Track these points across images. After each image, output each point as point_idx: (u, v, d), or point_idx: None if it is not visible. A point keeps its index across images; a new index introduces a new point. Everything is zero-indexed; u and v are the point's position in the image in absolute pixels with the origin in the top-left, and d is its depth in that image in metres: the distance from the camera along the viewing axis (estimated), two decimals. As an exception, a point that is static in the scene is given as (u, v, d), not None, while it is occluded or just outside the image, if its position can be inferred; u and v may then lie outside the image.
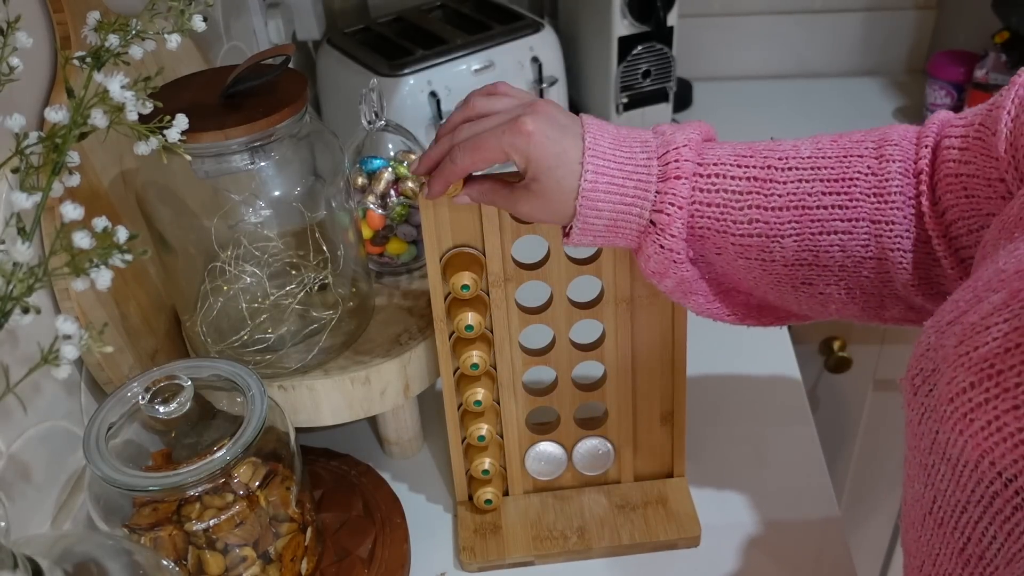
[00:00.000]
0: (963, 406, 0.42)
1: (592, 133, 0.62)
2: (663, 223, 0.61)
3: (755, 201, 0.61)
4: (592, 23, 1.24)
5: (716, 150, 0.63)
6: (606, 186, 0.61)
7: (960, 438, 0.42)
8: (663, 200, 0.61)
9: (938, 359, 0.45)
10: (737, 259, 0.63)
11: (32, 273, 0.47)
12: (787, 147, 0.62)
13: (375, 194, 0.80)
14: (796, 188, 0.60)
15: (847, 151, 0.61)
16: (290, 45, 0.70)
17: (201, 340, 0.74)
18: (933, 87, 1.28)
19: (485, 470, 0.77)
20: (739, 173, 0.61)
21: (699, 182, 0.62)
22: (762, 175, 0.61)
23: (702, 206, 0.61)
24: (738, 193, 0.61)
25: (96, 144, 0.71)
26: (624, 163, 0.61)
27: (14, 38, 0.50)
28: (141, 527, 0.63)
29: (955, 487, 0.44)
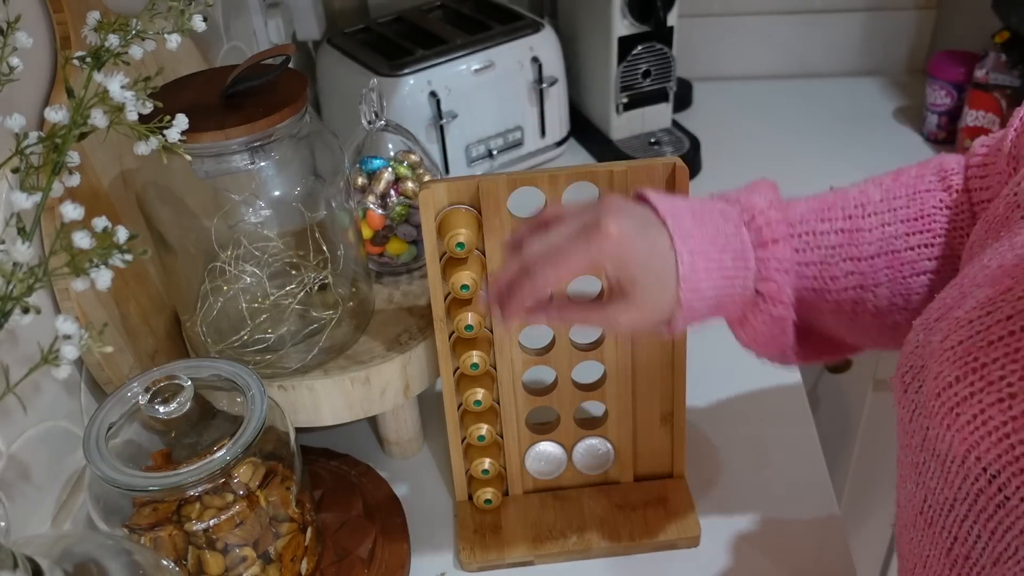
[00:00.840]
0: (949, 400, 0.42)
1: (670, 214, 0.55)
2: (772, 292, 0.58)
3: (848, 253, 0.59)
4: (592, 23, 1.24)
5: (797, 208, 0.61)
6: (704, 265, 0.55)
7: (947, 433, 0.42)
8: (768, 267, 0.58)
9: (926, 355, 0.45)
10: (827, 314, 0.61)
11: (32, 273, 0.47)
12: (856, 194, 0.61)
13: (375, 194, 0.80)
14: (882, 233, 0.59)
15: (914, 188, 0.60)
16: (290, 45, 0.70)
17: (201, 340, 0.74)
18: (933, 87, 1.28)
19: (485, 470, 0.77)
20: (827, 228, 0.60)
21: (794, 242, 0.60)
22: (848, 226, 0.60)
23: (801, 266, 0.60)
24: (831, 248, 0.60)
25: (96, 144, 0.71)
26: (715, 237, 0.56)
27: (14, 38, 0.50)
28: (141, 527, 0.63)
29: (944, 484, 0.43)
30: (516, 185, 0.69)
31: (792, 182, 1.31)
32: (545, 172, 0.68)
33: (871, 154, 1.31)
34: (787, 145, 1.34)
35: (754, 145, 1.35)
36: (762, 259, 0.58)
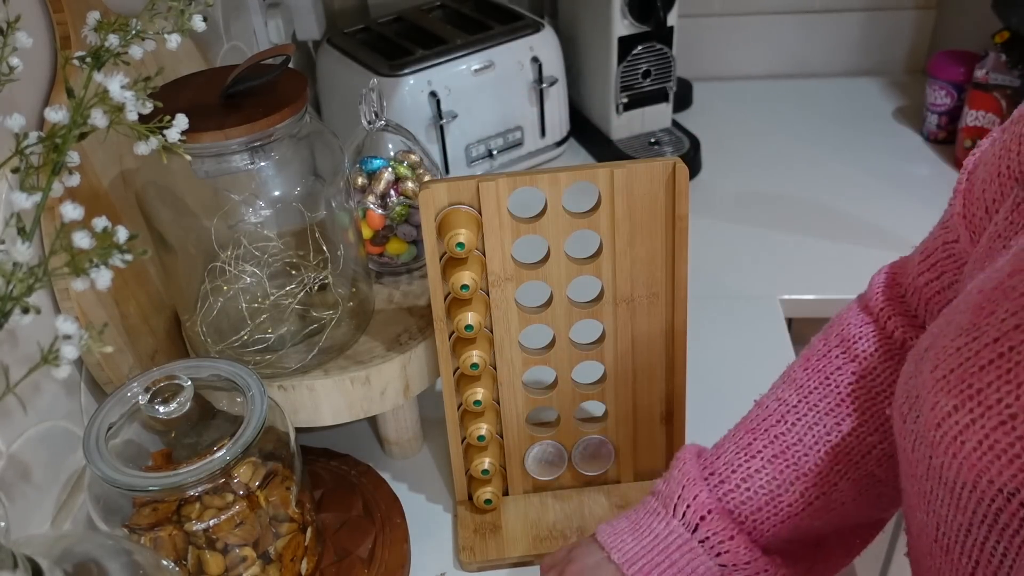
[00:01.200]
0: (951, 430, 0.42)
1: (614, 547, 0.63)
2: (731, 560, 0.61)
3: (792, 475, 0.61)
4: (592, 23, 1.24)
5: (719, 456, 0.63)
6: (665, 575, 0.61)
7: (954, 461, 0.42)
8: (711, 545, 0.61)
9: (918, 385, 0.46)
10: (813, 522, 0.62)
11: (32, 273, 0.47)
12: (772, 405, 0.63)
13: (375, 194, 0.80)
14: (814, 438, 0.61)
15: (823, 372, 0.62)
16: (290, 45, 0.70)
17: (201, 340, 0.74)
18: (933, 87, 1.28)
19: (485, 470, 0.77)
20: (758, 464, 0.62)
21: (732, 499, 0.61)
22: (778, 450, 0.61)
23: (754, 513, 0.61)
24: (773, 480, 0.61)
25: (96, 144, 0.71)
26: (654, 543, 0.62)
27: (14, 38, 0.50)
28: (141, 527, 0.63)
29: (956, 511, 0.43)
30: (516, 185, 0.69)
31: (792, 182, 1.32)
32: (545, 172, 0.68)
33: (871, 154, 1.31)
34: (787, 145, 1.34)
35: (754, 145, 1.35)
36: (702, 540, 0.61)
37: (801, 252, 1.12)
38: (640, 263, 0.72)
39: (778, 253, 1.12)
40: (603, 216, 0.70)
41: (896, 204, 1.19)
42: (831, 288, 1.06)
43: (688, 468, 0.63)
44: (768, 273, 1.09)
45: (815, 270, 1.08)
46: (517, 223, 0.70)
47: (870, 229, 1.15)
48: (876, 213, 1.17)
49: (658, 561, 0.62)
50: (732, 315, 1.02)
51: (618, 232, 0.70)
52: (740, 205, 1.21)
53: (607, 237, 0.71)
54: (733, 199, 1.23)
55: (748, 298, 1.05)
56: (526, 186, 0.69)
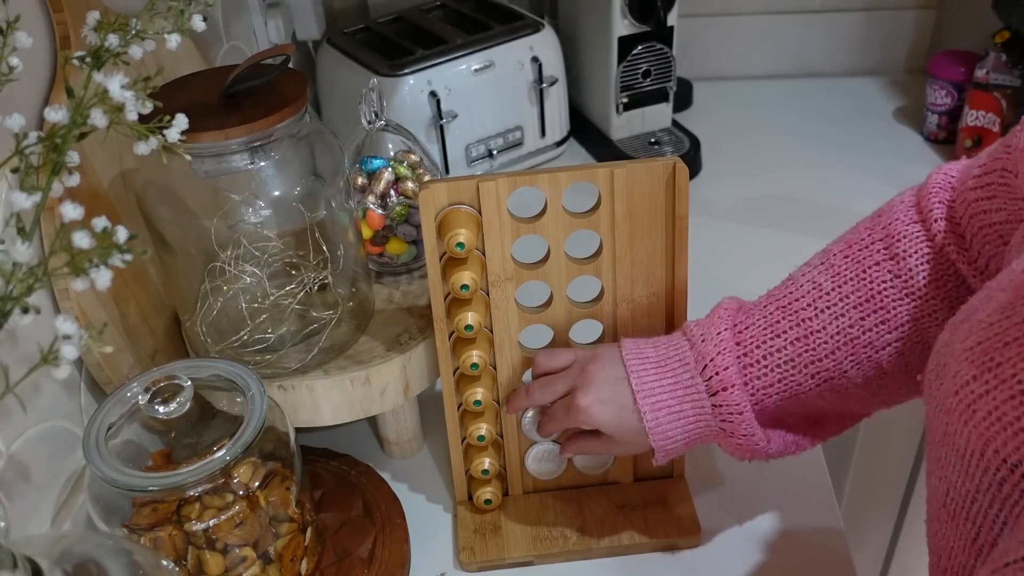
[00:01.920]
0: (966, 398, 0.44)
1: (636, 372, 0.66)
2: (731, 429, 0.65)
3: (808, 358, 0.64)
4: (592, 23, 1.24)
5: (750, 328, 0.66)
6: (668, 418, 0.65)
7: (965, 428, 0.44)
8: (721, 412, 0.65)
9: (948, 354, 0.47)
10: (817, 401, 0.66)
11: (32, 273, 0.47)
12: (806, 287, 0.65)
13: (375, 194, 0.80)
14: (837, 328, 0.63)
15: (862, 264, 0.63)
16: (290, 45, 0.70)
17: (201, 340, 0.74)
18: (933, 87, 1.28)
19: (485, 470, 0.77)
20: (780, 343, 0.64)
21: (750, 372, 0.65)
22: (801, 333, 0.64)
23: (765, 388, 0.65)
24: (790, 361, 0.64)
25: (96, 144, 0.71)
26: (673, 388, 0.65)
27: (14, 38, 0.50)
28: (141, 527, 0.63)
29: (964, 477, 0.45)
30: (516, 185, 0.69)
31: (792, 182, 1.31)
32: (545, 172, 0.68)
33: (871, 154, 1.31)
34: (787, 145, 1.34)
35: (754, 145, 1.35)
36: (716, 405, 0.65)
37: (801, 252, 1.12)
38: (640, 263, 0.72)
39: (778, 253, 1.12)
40: (603, 216, 0.70)
41: (896, 204, 1.19)
42: (831, 288, 1.06)
43: (725, 336, 0.66)
44: (768, 273, 1.08)
45: (815, 270, 1.08)
46: (517, 223, 0.70)
47: (870, 229, 1.14)
48: (876, 213, 1.17)
49: (670, 405, 0.65)
50: (732, 315, 1.02)
51: (618, 232, 0.70)
52: (740, 205, 1.21)
53: (607, 237, 0.71)
54: (733, 199, 1.23)
55: (748, 298, 1.04)
56: (526, 186, 0.69)
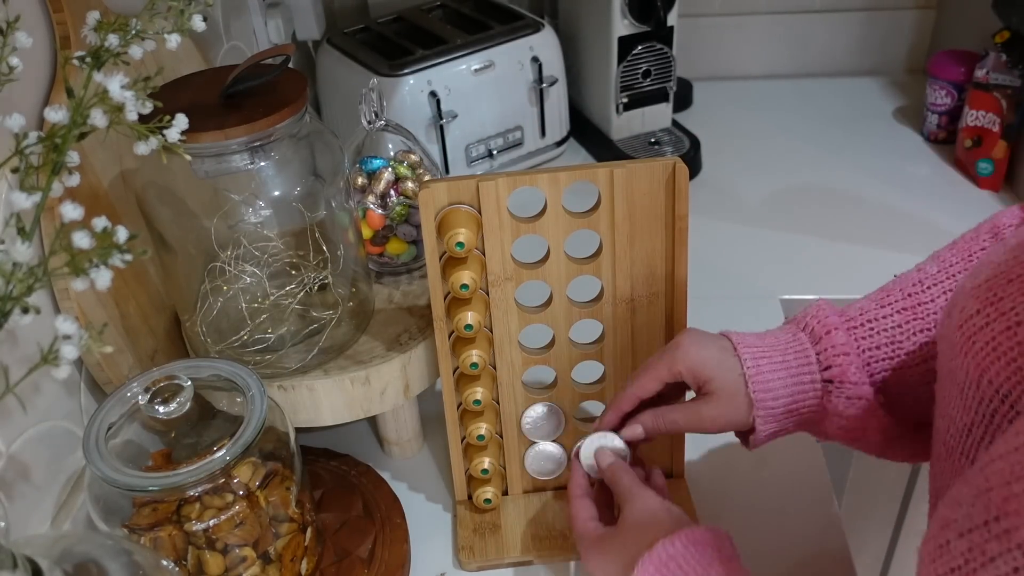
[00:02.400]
0: (968, 330, 0.46)
1: (734, 334, 0.65)
2: (838, 375, 0.62)
3: (915, 327, 0.63)
4: (592, 23, 1.24)
5: (856, 304, 0.66)
6: (768, 366, 0.63)
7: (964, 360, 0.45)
8: (827, 355, 0.62)
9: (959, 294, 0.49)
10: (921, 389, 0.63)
11: (32, 273, 0.47)
12: (915, 274, 0.65)
13: (375, 194, 0.80)
14: (946, 300, 0.62)
15: (969, 251, 0.64)
16: (290, 45, 0.70)
17: (201, 340, 0.74)
18: (933, 87, 1.28)
19: (484, 469, 0.77)
20: (887, 311, 0.64)
21: (856, 332, 0.64)
22: (909, 303, 0.64)
23: (872, 350, 0.63)
24: (897, 327, 0.63)
25: (96, 144, 0.71)
26: (774, 344, 0.64)
27: (14, 38, 0.50)
28: (141, 527, 0.63)
29: (961, 411, 0.46)
30: (516, 185, 0.69)
31: (792, 182, 1.31)
32: (545, 172, 0.69)
33: (871, 154, 1.31)
34: (787, 145, 1.34)
35: (754, 145, 1.35)
36: (820, 351, 0.63)
37: (801, 252, 1.12)
38: (640, 263, 0.72)
39: (778, 253, 1.12)
40: (603, 216, 0.70)
41: (896, 204, 1.19)
42: (831, 288, 1.06)
43: (822, 303, 0.65)
44: (768, 273, 1.09)
45: (815, 270, 1.08)
46: (517, 223, 0.70)
47: (870, 229, 1.15)
48: (876, 213, 1.17)
49: (770, 355, 0.63)
50: (732, 315, 1.02)
51: (618, 232, 0.70)
52: (740, 205, 1.21)
53: (607, 237, 0.71)
54: (733, 199, 1.23)
55: (748, 298, 1.05)
56: (526, 186, 0.69)
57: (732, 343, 0.64)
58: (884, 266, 1.13)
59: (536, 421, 0.78)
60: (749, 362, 0.63)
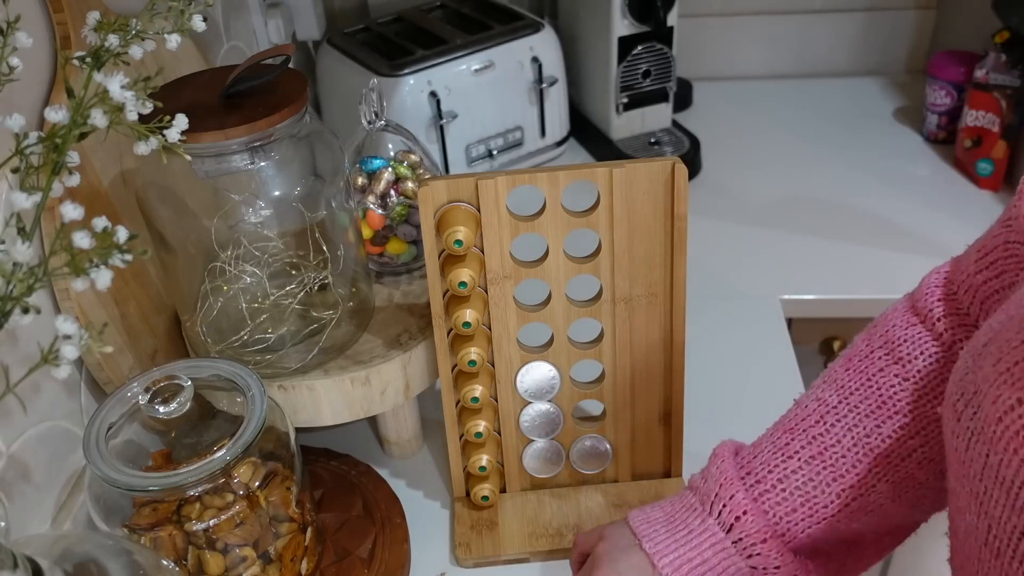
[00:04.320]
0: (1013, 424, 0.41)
1: (646, 535, 0.63)
2: (762, 562, 0.61)
3: (829, 476, 0.60)
4: (592, 23, 1.24)
5: (756, 455, 0.63)
6: (688, 571, 0.61)
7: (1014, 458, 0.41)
8: (744, 546, 0.61)
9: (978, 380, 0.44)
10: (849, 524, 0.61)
11: (32, 273, 0.47)
12: (811, 405, 0.62)
13: (375, 194, 0.80)
14: (853, 439, 0.60)
15: (865, 373, 0.60)
16: (290, 45, 0.70)
17: (201, 340, 0.74)
18: (933, 87, 1.28)
19: (482, 466, 0.77)
20: (794, 465, 0.61)
21: (767, 497, 0.61)
22: (815, 451, 0.60)
23: (788, 514, 0.61)
24: (809, 481, 0.60)
25: (96, 144, 0.71)
26: (688, 538, 0.62)
27: (14, 38, 0.50)
28: (141, 527, 0.63)
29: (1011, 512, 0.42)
30: (515, 183, 0.69)
31: (792, 182, 1.31)
32: (544, 171, 0.69)
33: (871, 154, 1.31)
34: (787, 145, 1.34)
35: (754, 145, 1.35)
36: (736, 540, 0.61)
37: (801, 252, 1.12)
38: (639, 263, 0.72)
39: (778, 253, 1.12)
40: (602, 215, 0.70)
41: (896, 204, 1.19)
42: (831, 288, 1.06)
43: (725, 467, 0.63)
44: (768, 273, 1.09)
45: (815, 270, 1.09)
46: (516, 221, 0.70)
47: (870, 229, 1.15)
48: (876, 213, 1.17)
49: (690, 557, 0.62)
50: (732, 315, 1.02)
51: (617, 232, 0.70)
52: (740, 205, 1.22)
53: (606, 236, 0.71)
54: (733, 199, 1.23)
55: (748, 298, 1.05)
56: (525, 184, 0.69)
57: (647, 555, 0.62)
58: (884, 266, 1.13)
59: (534, 419, 0.78)
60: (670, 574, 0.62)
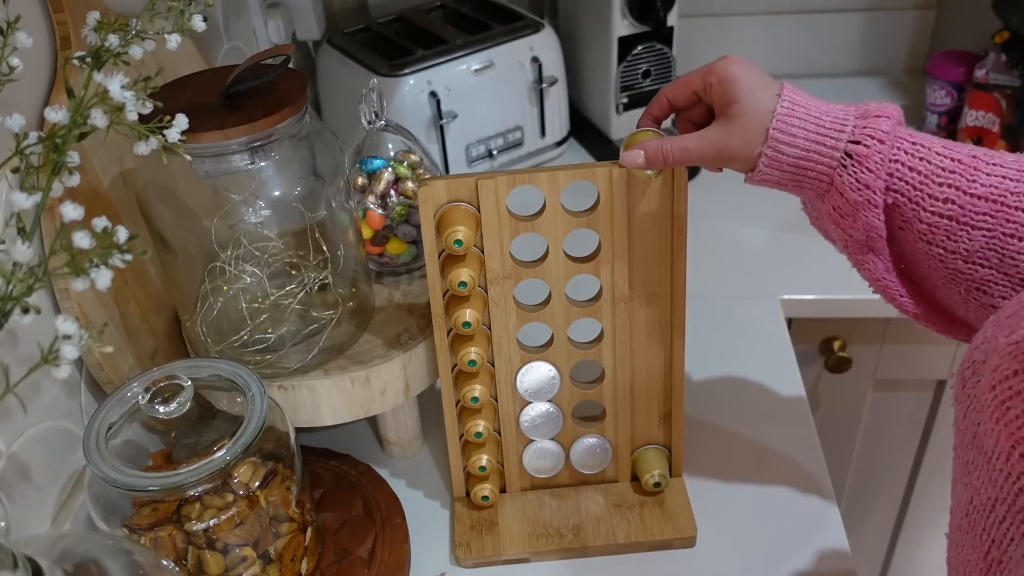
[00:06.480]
0: (1003, 393, 0.41)
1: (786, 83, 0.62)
2: (861, 154, 0.59)
3: (955, 181, 0.58)
4: (592, 23, 1.24)
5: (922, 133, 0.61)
6: (803, 112, 0.60)
7: (996, 427, 0.41)
8: (863, 132, 0.59)
9: (988, 350, 0.44)
10: (918, 241, 0.60)
11: (32, 273, 0.47)
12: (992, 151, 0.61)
13: (375, 194, 0.80)
14: (999, 183, 0.58)
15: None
16: (290, 45, 0.70)
17: (201, 340, 0.74)
18: (933, 87, 1.28)
19: (482, 466, 0.78)
20: (943, 151, 0.59)
21: (903, 144, 0.60)
22: (967, 160, 0.59)
23: (903, 167, 0.59)
24: (940, 168, 0.59)
25: (96, 144, 0.71)
26: (820, 104, 0.61)
27: (14, 38, 0.51)
28: (141, 527, 0.63)
29: (988, 483, 0.42)
30: (515, 183, 0.69)
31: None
32: (544, 171, 0.69)
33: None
34: (787, 145, 1.34)
35: (754, 145, 1.34)
36: (860, 126, 0.59)
37: (801, 252, 1.12)
38: (639, 263, 0.72)
39: (778, 253, 1.12)
40: (602, 215, 0.70)
41: (896, 204, 1.19)
42: (831, 288, 1.06)
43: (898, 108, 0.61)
44: (768, 273, 1.09)
45: (815, 270, 1.08)
46: (516, 221, 0.70)
47: (870, 229, 1.14)
48: (876, 213, 1.17)
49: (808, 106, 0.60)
50: (732, 315, 1.02)
51: (617, 231, 0.70)
52: (740, 205, 1.21)
53: (606, 236, 0.71)
54: (733, 199, 1.23)
55: (748, 298, 1.05)
56: (525, 184, 0.69)
57: (781, 84, 0.61)
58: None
59: (535, 419, 0.78)
60: (786, 102, 0.60)
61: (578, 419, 0.80)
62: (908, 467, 1.28)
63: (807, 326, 1.11)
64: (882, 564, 1.42)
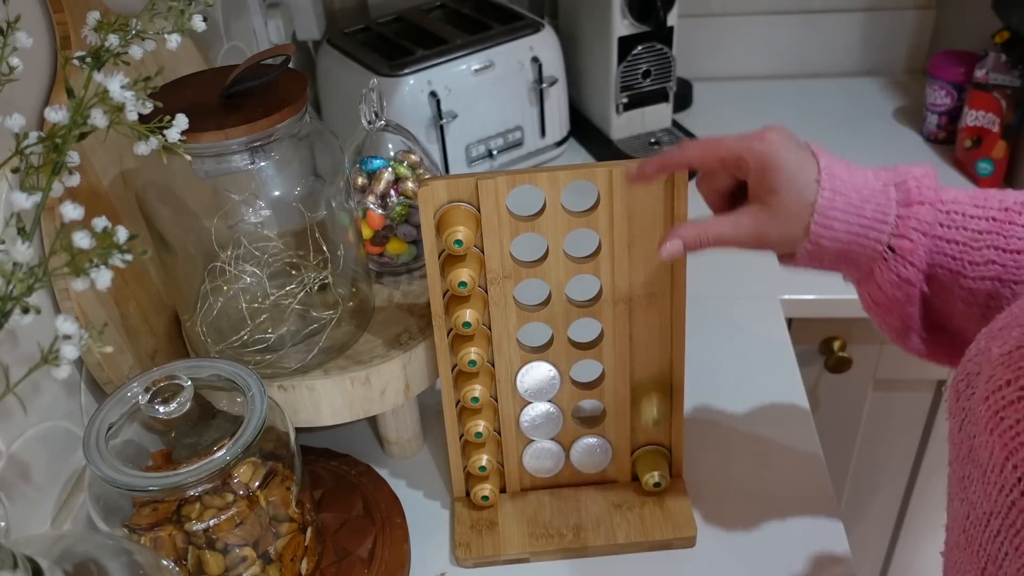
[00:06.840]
0: (996, 404, 0.41)
1: (825, 157, 0.59)
2: (905, 249, 0.58)
3: (994, 242, 0.57)
4: (592, 23, 1.24)
5: (951, 191, 0.60)
6: (844, 205, 0.58)
7: (990, 438, 0.41)
8: (907, 225, 0.58)
9: (982, 361, 0.44)
10: (958, 303, 0.59)
11: (32, 273, 0.47)
12: (1019, 193, 0.60)
13: (375, 194, 0.80)
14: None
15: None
16: (290, 45, 0.70)
17: (201, 340, 0.74)
18: (933, 87, 1.28)
19: (482, 466, 0.78)
20: (977, 213, 0.58)
21: (940, 216, 0.58)
22: (1001, 216, 0.58)
23: (942, 242, 0.58)
24: (977, 232, 0.58)
25: (96, 144, 0.71)
26: (861, 187, 0.58)
27: (14, 38, 0.51)
28: (141, 527, 0.63)
29: (984, 497, 0.42)
30: (515, 183, 0.69)
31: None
32: (544, 171, 0.69)
33: (871, 154, 1.30)
34: (787, 145, 1.34)
35: (754, 145, 1.34)
36: (903, 217, 0.58)
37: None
38: (639, 263, 0.72)
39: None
40: (602, 215, 0.70)
41: (896, 204, 1.19)
42: (831, 288, 1.05)
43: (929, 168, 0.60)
44: (768, 273, 1.08)
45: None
46: (516, 221, 0.70)
47: (870, 229, 1.14)
48: (876, 213, 1.17)
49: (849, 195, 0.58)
50: (732, 315, 1.02)
51: (617, 232, 0.70)
52: (740, 205, 1.21)
53: (606, 236, 0.71)
54: (733, 199, 1.23)
55: (748, 298, 1.05)
56: (525, 184, 0.69)
57: (818, 166, 0.58)
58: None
59: (535, 419, 0.78)
60: (826, 192, 0.57)
61: (578, 419, 0.80)
62: (908, 467, 1.28)
63: (807, 326, 1.11)
64: (882, 564, 1.42)
